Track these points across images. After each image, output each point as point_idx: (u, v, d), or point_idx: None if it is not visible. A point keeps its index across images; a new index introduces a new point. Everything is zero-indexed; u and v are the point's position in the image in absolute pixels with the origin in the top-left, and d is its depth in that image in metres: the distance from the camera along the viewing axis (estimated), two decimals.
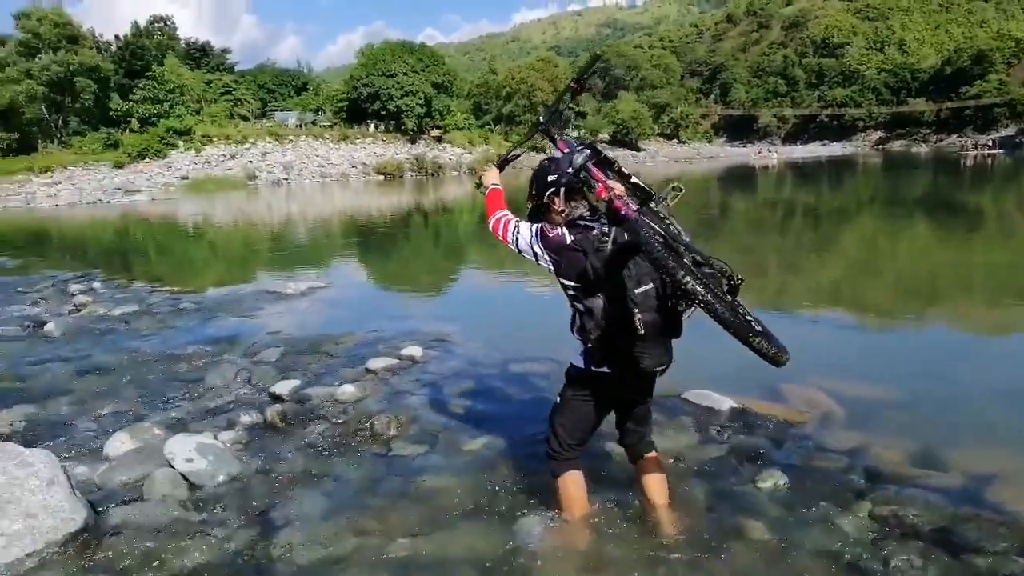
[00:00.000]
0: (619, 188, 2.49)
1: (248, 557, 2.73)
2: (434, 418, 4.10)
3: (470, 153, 55.66)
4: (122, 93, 47.92)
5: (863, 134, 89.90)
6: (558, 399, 2.78)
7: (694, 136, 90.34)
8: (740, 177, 39.67)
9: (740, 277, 2.25)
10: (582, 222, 2.57)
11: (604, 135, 74.61)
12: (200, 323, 6.70)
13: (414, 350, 5.39)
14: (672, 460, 3.49)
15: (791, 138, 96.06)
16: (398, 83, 54.44)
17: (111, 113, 46.74)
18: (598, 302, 2.41)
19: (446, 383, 4.76)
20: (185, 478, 3.30)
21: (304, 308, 7.42)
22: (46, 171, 37.90)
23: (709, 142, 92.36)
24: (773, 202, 23.16)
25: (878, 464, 3.42)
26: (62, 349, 5.81)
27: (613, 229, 2.40)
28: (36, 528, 2.67)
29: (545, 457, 2.84)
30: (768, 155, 67.79)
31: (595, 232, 2.48)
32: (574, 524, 2.82)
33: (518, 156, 3.15)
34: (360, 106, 55.84)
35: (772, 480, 3.23)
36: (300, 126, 54.09)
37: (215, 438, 3.68)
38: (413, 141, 54.94)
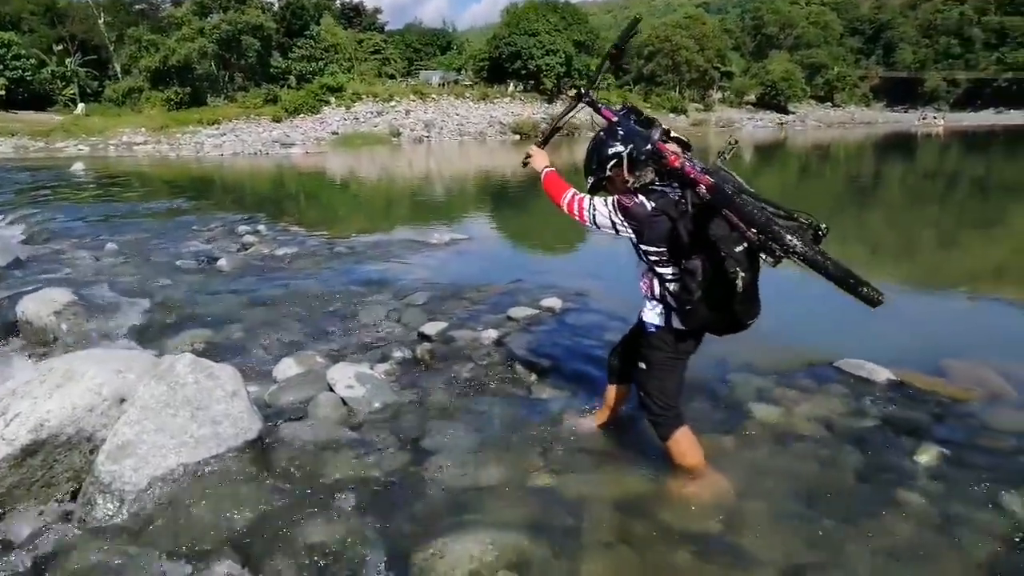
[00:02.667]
0: (674, 148, 2.52)
1: (401, 477, 2.91)
2: (574, 366, 4.15)
3: None
4: (282, 51, 50.87)
5: None
6: (643, 365, 2.78)
7: (850, 99, 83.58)
8: (899, 145, 36.57)
9: (825, 227, 2.27)
10: (655, 188, 2.58)
11: (752, 96, 71.00)
12: (353, 266, 7.11)
13: (554, 302, 5.45)
14: (822, 427, 3.37)
15: (961, 104, 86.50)
16: (540, 42, 54.10)
17: (272, 70, 49.84)
18: (697, 263, 2.41)
19: (585, 334, 4.79)
20: (345, 402, 3.56)
21: (447, 257, 7.68)
22: (213, 123, 41.09)
23: (867, 106, 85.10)
24: (935, 173, 21.22)
25: None
26: (232, 283, 6.35)
27: (688, 192, 2.42)
28: (220, 434, 2.95)
29: (650, 424, 2.84)
30: (933, 122, 62.02)
31: (671, 196, 2.51)
32: (701, 473, 2.80)
33: (560, 130, 3.17)
34: (501, 65, 56.12)
35: (931, 454, 3.05)
36: (443, 85, 55.20)
37: (371, 369, 3.92)
38: (551, 101, 54.59)
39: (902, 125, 62.50)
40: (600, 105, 2.90)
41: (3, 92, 45.85)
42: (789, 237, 2.14)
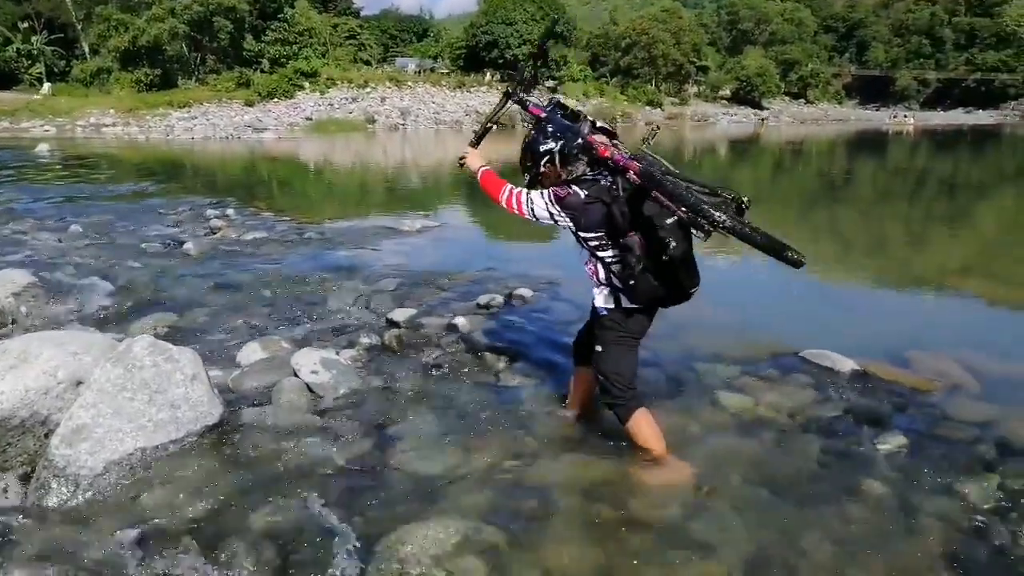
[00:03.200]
0: (602, 139, 2.69)
1: (365, 463, 2.88)
2: (542, 355, 4.13)
3: (584, 105, 54.77)
4: (255, 34, 49.93)
5: (1014, 102, 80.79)
6: (599, 347, 2.87)
7: (823, 96, 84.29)
8: (870, 142, 37.07)
9: (748, 200, 2.40)
10: (587, 177, 2.73)
11: (727, 91, 71.48)
12: (323, 251, 7.02)
13: (524, 291, 5.44)
14: (787, 415, 3.40)
15: (931, 103, 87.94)
16: (517, 31, 53.79)
17: (244, 53, 48.87)
18: (634, 239, 2.56)
19: (555, 324, 4.78)
20: (309, 388, 3.51)
21: (419, 245, 7.62)
22: (184, 106, 40.27)
23: (839, 103, 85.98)
24: (905, 170, 21.57)
25: (1012, 438, 3.21)
26: (198, 267, 6.24)
27: (619, 179, 2.60)
28: (179, 418, 2.90)
29: (608, 408, 2.94)
30: (904, 120, 62.92)
31: (603, 183, 2.67)
32: (661, 455, 2.86)
33: (491, 129, 3.28)
34: (478, 54, 55.79)
35: (893, 443, 3.11)
36: (419, 72, 54.70)
37: (337, 354, 3.88)
38: (527, 91, 54.38)
39: (873, 123, 63.33)
40: (528, 103, 3.03)
41: None
42: (717, 213, 2.26)
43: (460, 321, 4.59)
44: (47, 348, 2.97)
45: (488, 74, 55.71)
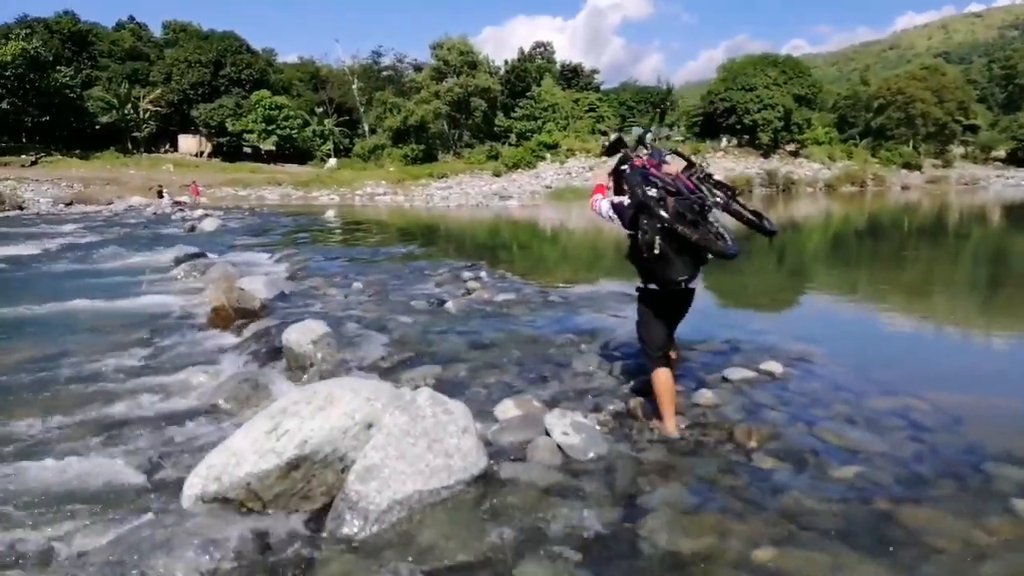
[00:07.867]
0: (673, 169, 3.89)
1: (615, 531, 2.92)
2: (796, 436, 3.92)
3: (828, 169, 51.58)
4: (505, 111, 54.35)
5: None
6: (636, 316, 4.09)
7: None
8: None
9: (710, 204, 3.68)
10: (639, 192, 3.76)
11: (1001, 152, 63.24)
12: (566, 315, 7.31)
13: (773, 366, 5.20)
14: None
15: None
16: (757, 96, 52.56)
17: (495, 128, 53.36)
18: (635, 235, 3.71)
19: (809, 403, 4.51)
20: (561, 448, 3.66)
21: None
22: (442, 177, 44.79)
23: None
24: None
25: None
26: (458, 324, 6.81)
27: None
28: (451, 466, 3.19)
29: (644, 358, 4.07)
30: None
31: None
32: (668, 411, 3.89)
33: (623, 162, 4.17)
34: (714, 120, 55.29)
35: None
36: (654, 140, 55.37)
37: (585, 417, 4.01)
38: (766, 156, 52.62)
39: None
40: (648, 144, 4.36)
41: (274, 148, 53.75)
42: (659, 210, 3.53)
43: (706, 394, 4.52)
44: (347, 393, 3.44)
45: (725, 140, 54.87)
